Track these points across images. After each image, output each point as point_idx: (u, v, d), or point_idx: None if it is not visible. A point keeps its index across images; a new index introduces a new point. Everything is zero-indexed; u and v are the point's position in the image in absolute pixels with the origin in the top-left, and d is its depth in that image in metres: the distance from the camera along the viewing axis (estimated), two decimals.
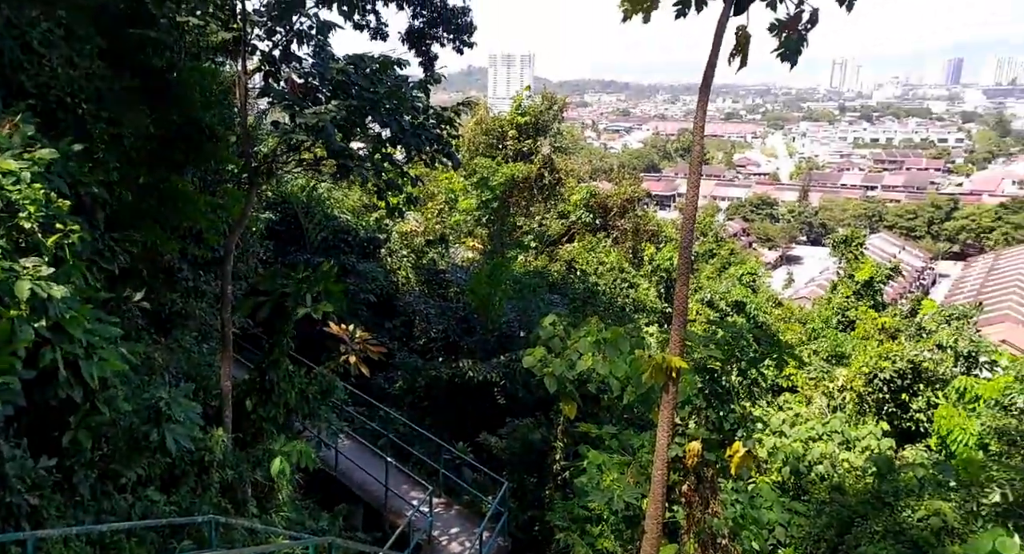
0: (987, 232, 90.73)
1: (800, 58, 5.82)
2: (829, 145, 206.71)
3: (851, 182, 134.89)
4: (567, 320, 10.93)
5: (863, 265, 29.71)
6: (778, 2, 5.09)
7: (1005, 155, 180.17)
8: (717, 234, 40.27)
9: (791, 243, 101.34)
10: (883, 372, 16.25)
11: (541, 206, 27.72)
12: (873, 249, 74.33)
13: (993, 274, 71.56)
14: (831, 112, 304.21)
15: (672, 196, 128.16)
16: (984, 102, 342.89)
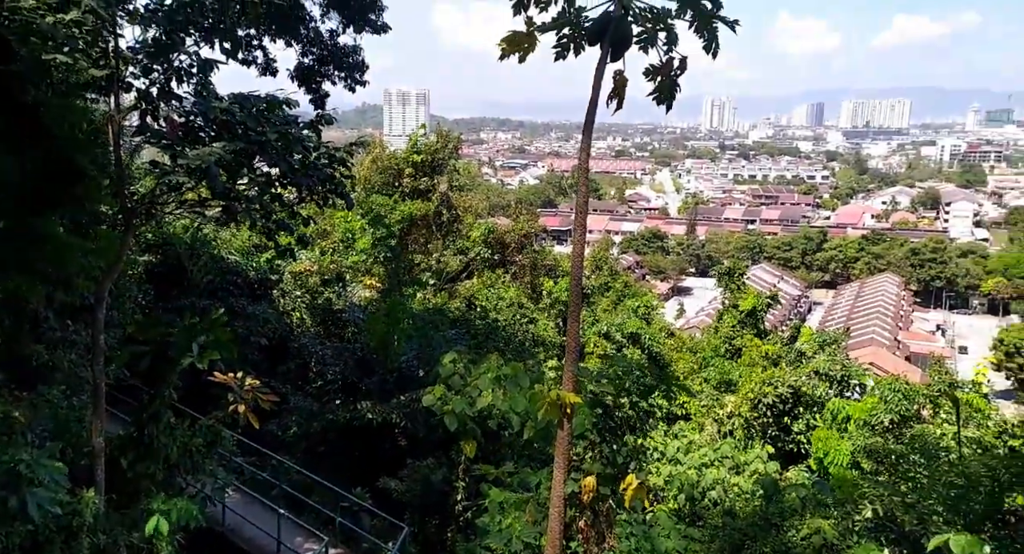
0: (853, 262, 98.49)
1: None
2: (712, 181, 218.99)
3: (733, 216, 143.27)
4: (467, 357, 10.89)
5: (746, 295, 31.46)
6: (650, 48, 5.36)
7: (864, 191, 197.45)
8: (612, 268, 41.60)
9: (681, 275, 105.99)
10: (767, 397, 17.16)
11: (439, 243, 27.71)
12: (755, 279, 78.93)
13: (859, 301, 77.58)
14: (713, 150, 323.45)
15: (568, 231, 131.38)
16: (844, 142, 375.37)
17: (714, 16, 5.22)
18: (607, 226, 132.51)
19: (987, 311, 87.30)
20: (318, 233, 24.77)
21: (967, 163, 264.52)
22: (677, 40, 5.51)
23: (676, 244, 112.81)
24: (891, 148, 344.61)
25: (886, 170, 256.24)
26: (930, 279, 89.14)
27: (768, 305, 32.71)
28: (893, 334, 64.55)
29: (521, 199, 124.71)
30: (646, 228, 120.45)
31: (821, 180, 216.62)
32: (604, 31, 5.40)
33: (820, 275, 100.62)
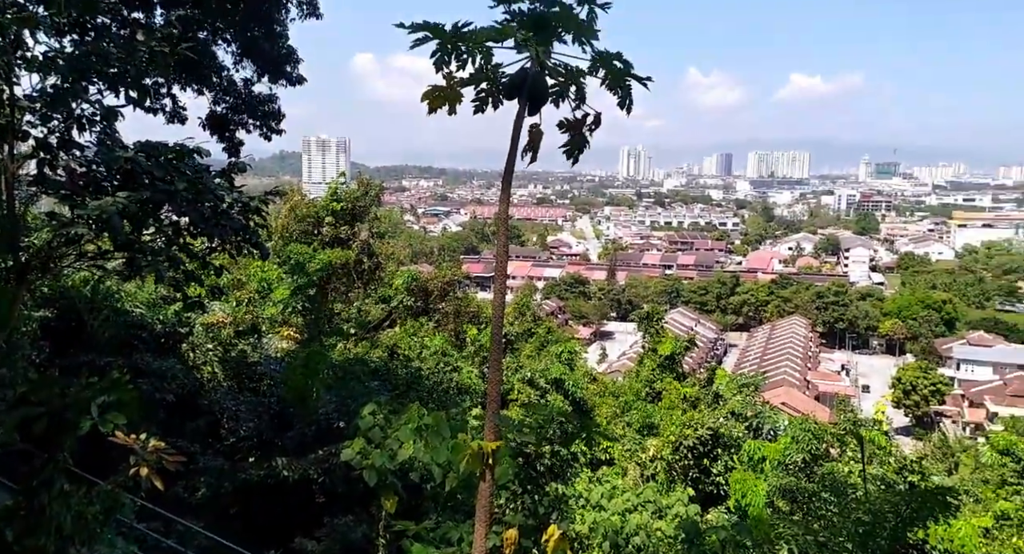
0: (764, 305, 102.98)
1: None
2: (630, 227, 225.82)
3: (651, 262, 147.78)
4: (388, 408, 10.65)
5: (665, 339, 32.25)
6: (562, 102, 5.55)
7: (771, 237, 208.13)
8: (535, 314, 41.92)
9: (603, 319, 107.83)
10: (687, 440, 17.48)
11: (361, 292, 27.28)
12: (673, 323, 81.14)
13: (771, 342, 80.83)
14: (630, 198, 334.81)
15: (492, 277, 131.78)
16: (751, 191, 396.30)
17: (626, 74, 5.45)
18: (530, 272, 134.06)
19: (885, 351, 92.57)
20: (233, 283, 23.95)
21: (862, 211, 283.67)
22: (585, 97, 5.71)
23: (597, 289, 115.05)
24: (794, 197, 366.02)
25: (790, 217, 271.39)
26: (834, 321, 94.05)
27: (686, 348, 33.61)
28: (803, 374, 67.40)
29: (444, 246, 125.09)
30: (568, 274, 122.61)
31: (732, 227, 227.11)
32: (520, 87, 5.54)
33: (734, 318, 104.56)
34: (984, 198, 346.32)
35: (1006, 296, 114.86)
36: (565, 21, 4.91)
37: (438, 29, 4.82)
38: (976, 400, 63.35)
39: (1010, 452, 17.46)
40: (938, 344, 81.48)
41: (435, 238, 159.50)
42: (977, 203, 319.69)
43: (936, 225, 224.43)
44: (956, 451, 33.90)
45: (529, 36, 4.89)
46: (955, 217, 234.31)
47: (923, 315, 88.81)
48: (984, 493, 15.75)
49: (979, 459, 22.02)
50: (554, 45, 5.55)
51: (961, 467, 26.00)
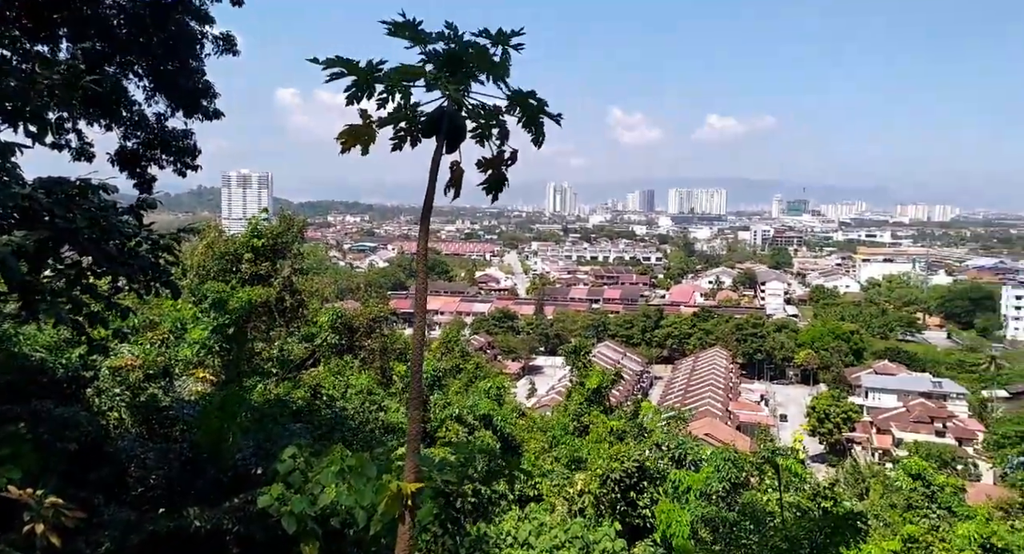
0: (687, 337, 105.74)
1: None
2: (557, 262, 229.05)
3: (578, 296, 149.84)
4: (310, 450, 10.29)
5: (592, 372, 32.60)
6: (485, 141, 5.64)
7: (693, 271, 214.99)
8: (463, 349, 41.65)
9: (532, 354, 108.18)
10: (614, 473, 17.57)
11: (283, 330, 26.45)
12: (600, 356, 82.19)
13: (694, 374, 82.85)
14: (557, 233, 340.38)
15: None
16: (673, 227, 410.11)
17: (540, 112, 5.59)
18: (458, 307, 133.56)
19: (800, 380, 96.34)
20: (147, 324, 22.80)
21: (776, 246, 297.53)
22: (508, 135, 5.82)
23: (526, 324, 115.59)
24: (713, 232, 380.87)
25: (710, 252, 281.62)
26: (753, 352, 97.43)
27: (613, 381, 34.03)
28: (725, 405, 69.23)
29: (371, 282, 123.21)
30: (497, 309, 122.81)
31: (655, 261, 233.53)
32: (438, 125, 5.60)
33: (659, 350, 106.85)
34: (884, 234, 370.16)
35: (906, 327, 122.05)
36: (479, 61, 5.02)
37: (353, 65, 4.84)
38: (883, 427, 66.53)
39: (921, 476, 18.36)
40: (848, 373, 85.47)
41: (362, 274, 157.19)
42: (878, 239, 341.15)
43: (843, 260, 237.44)
44: (867, 476, 35.37)
45: (443, 75, 4.97)
46: (859, 252, 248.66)
47: (834, 345, 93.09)
48: (892, 517, 16.45)
49: (887, 484, 23.02)
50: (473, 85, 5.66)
51: (871, 492, 27.09)
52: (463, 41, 5.07)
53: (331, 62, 4.82)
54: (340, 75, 4.86)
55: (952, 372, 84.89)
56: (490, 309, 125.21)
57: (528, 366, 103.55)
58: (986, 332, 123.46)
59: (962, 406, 72.53)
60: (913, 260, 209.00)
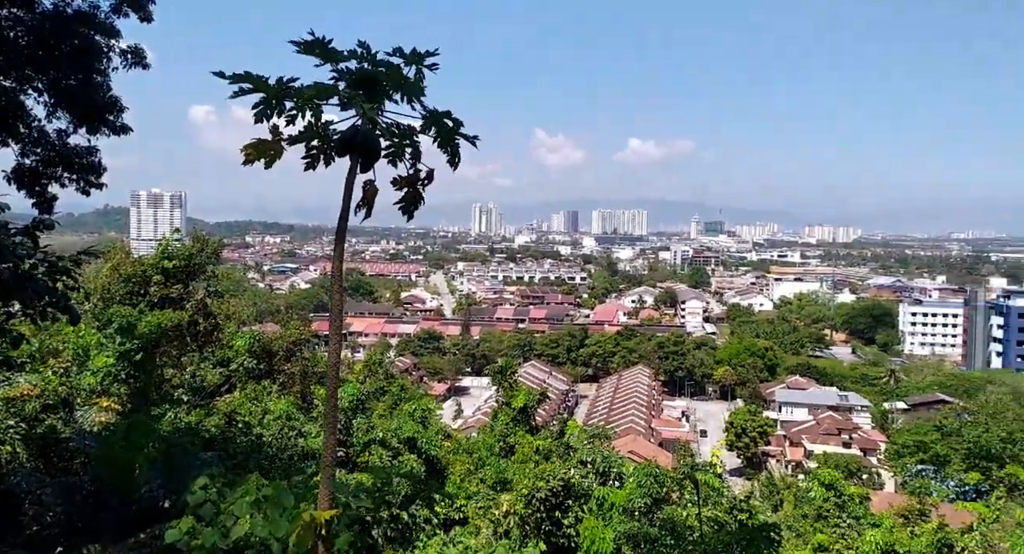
0: (611, 356, 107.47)
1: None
2: (484, 283, 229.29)
3: (505, 316, 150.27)
4: (223, 480, 9.83)
5: (518, 392, 32.60)
6: (399, 160, 5.62)
7: (616, 291, 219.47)
8: (388, 371, 40.92)
9: (458, 375, 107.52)
10: (540, 492, 17.57)
11: (196, 355, 25.31)
12: (527, 376, 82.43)
13: (618, 392, 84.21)
14: (483, 253, 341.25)
15: (344, 335, 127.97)
16: (596, 247, 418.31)
17: (455, 133, 5.62)
18: (383, 329, 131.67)
19: (719, 396, 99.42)
20: (49, 352, 21.38)
21: (694, 266, 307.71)
22: (420, 154, 5.82)
23: (452, 345, 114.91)
24: (635, 252, 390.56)
25: (633, 272, 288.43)
26: (674, 369, 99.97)
27: (539, 401, 34.13)
28: (648, 422, 70.58)
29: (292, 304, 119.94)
30: (422, 329, 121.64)
31: (580, 281, 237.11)
32: (351, 144, 5.55)
33: (584, 369, 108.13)
34: (794, 254, 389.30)
35: (816, 343, 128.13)
36: (392, 80, 5.01)
37: (261, 82, 4.74)
38: (795, 439, 69.31)
39: (833, 487, 19.17)
40: (763, 388, 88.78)
41: (282, 296, 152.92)
42: (789, 258, 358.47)
43: (757, 279, 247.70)
44: (781, 488, 36.64)
45: (356, 94, 4.93)
46: (772, 271, 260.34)
47: (750, 362, 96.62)
48: (804, 527, 17.09)
49: (799, 495, 23.89)
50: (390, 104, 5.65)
51: (785, 503, 28.07)
52: (376, 60, 5.05)
53: (238, 78, 4.70)
54: (247, 91, 4.75)
55: (857, 385, 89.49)
56: (416, 330, 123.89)
57: (454, 387, 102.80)
58: (886, 347, 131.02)
59: (866, 418, 76.43)
60: (821, 279, 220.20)
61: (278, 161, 5.59)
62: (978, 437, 48.75)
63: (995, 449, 47.61)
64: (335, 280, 6.34)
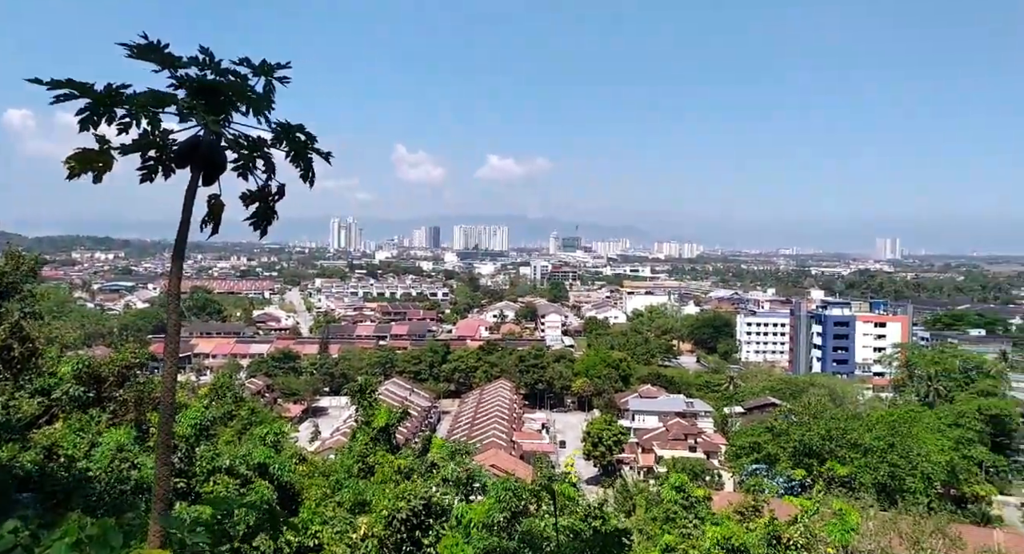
0: (473, 371, 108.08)
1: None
2: (343, 299, 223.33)
3: (365, 333, 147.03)
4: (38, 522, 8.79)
5: (379, 411, 31.88)
6: (249, 174, 5.36)
7: (478, 306, 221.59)
8: (237, 394, 38.64)
9: (316, 395, 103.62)
10: (400, 512, 17.23)
11: (10, 384, 22.60)
12: (388, 394, 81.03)
13: (481, 407, 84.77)
14: (342, 269, 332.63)
15: (190, 356, 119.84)
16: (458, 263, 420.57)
17: (308, 147, 5.46)
18: (234, 349, 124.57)
19: (577, 407, 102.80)
20: None
21: (553, 281, 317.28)
22: (274, 168, 5.60)
23: (309, 364, 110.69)
24: (496, 268, 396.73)
25: (494, 287, 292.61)
26: (535, 382, 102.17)
27: (400, 419, 33.53)
28: (509, 435, 71.55)
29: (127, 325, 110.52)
30: (276, 349, 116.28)
31: (442, 297, 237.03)
32: (191, 155, 5.23)
33: (447, 385, 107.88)
34: (645, 269, 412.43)
35: (665, 353, 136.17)
36: (237, 91, 4.78)
37: (86, 88, 4.36)
38: (647, 446, 73.03)
39: (682, 489, 20.29)
40: (618, 398, 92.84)
41: (116, 316, 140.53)
42: (640, 273, 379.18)
43: (612, 292, 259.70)
44: (634, 493, 38.35)
45: (197, 103, 4.66)
46: (625, 285, 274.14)
47: (605, 373, 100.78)
48: (654, 529, 17.98)
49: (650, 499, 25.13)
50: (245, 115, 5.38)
51: (638, 508, 29.44)
52: (220, 69, 4.81)
53: (58, 84, 4.30)
54: (69, 96, 4.35)
55: (701, 392, 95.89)
56: (270, 349, 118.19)
57: (311, 408, 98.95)
58: (726, 355, 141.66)
59: (709, 422, 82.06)
60: (669, 292, 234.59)
61: (108, 173, 5.16)
62: (802, 436, 53.62)
63: (816, 446, 52.59)
64: (171, 299, 5.92)
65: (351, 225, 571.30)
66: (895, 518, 31.65)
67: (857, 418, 59.38)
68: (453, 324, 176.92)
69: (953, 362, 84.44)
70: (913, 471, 50.54)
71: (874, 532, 28.93)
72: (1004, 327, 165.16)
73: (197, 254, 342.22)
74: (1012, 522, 56.92)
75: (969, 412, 65.97)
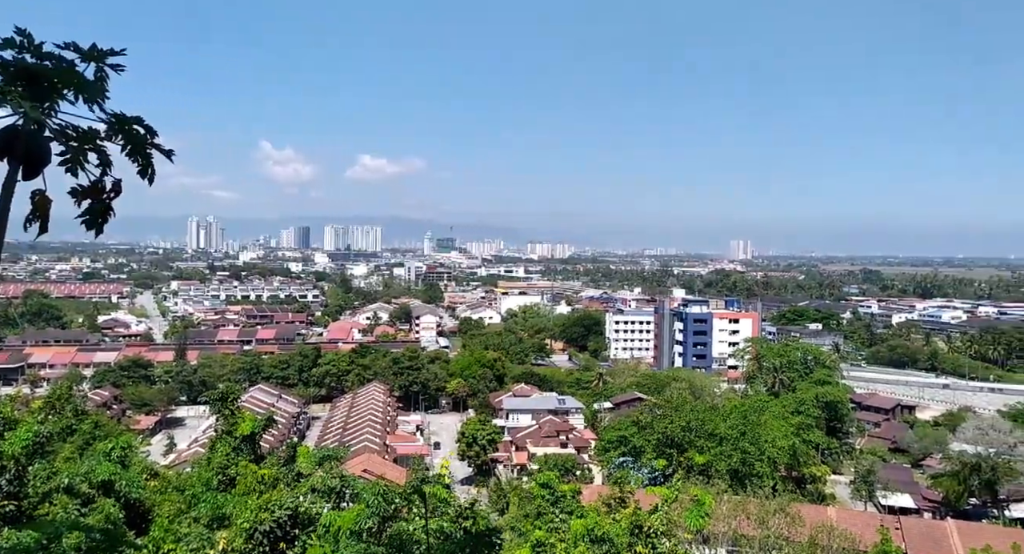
0: (345, 374, 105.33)
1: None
2: (203, 303, 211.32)
3: (228, 338, 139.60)
4: None
5: (242, 419, 30.32)
6: (80, 169, 4.92)
7: (351, 308, 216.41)
8: (78, 406, 35.49)
9: (171, 405, 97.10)
10: (263, 524, 16.46)
11: None
12: (253, 401, 77.32)
13: (353, 411, 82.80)
14: (202, 271, 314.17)
15: (21, 368, 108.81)
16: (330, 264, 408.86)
17: (147, 143, 5.08)
18: (75, 358, 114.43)
19: (452, 408, 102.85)
20: None
21: (428, 281, 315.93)
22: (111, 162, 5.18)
23: (164, 372, 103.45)
24: (370, 269, 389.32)
25: (367, 288, 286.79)
26: (409, 384, 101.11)
27: (265, 426, 32.11)
28: (383, 439, 70.35)
29: None
30: (125, 357, 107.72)
31: (312, 299, 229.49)
32: (11, 146, 4.75)
33: (317, 390, 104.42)
34: (519, 269, 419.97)
35: (538, 352, 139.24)
36: (65, 78, 4.37)
37: None
38: (520, 444, 74.33)
39: (549, 485, 20.75)
40: (492, 397, 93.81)
41: None
42: (514, 274, 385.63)
43: (487, 293, 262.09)
44: (507, 492, 38.89)
45: (11, 89, 4.22)
46: (500, 286, 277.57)
47: (480, 373, 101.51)
48: (525, 526, 18.30)
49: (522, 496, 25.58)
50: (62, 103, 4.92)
51: (511, 506, 29.89)
52: (42, 52, 4.37)
53: None
54: None
55: (572, 389, 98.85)
56: (118, 358, 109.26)
57: (166, 419, 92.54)
58: (596, 353, 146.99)
59: (580, 419, 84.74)
60: (542, 292, 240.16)
61: None
62: (665, 428, 56.66)
63: (678, 437, 55.75)
64: None
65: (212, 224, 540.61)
66: (744, 501, 34.18)
67: (714, 409, 63.55)
68: (324, 327, 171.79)
69: (796, 354, 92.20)
70: (761, 457, 54.76)
71: (726, 515, 31.10)
72: (837, 321, 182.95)
73: (31, 255, 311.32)
74: (843, 499, 63.08)
75: (808, 400, 72.39)
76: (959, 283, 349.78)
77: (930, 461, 70.91)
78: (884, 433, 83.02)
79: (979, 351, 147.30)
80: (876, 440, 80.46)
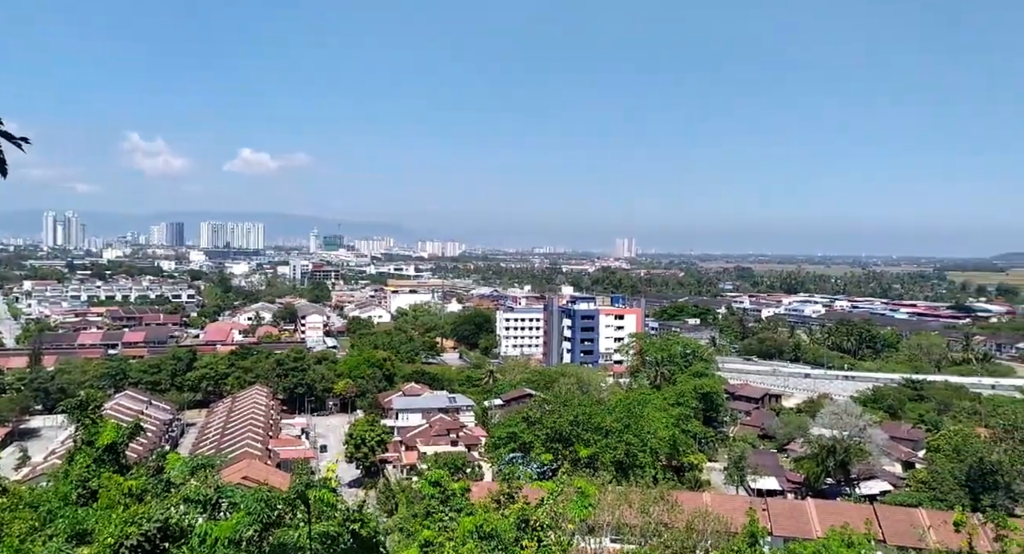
0: (224, 378, 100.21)
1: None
2: (61, 304, 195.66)
3: (90, 341, 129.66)
4: None
5: (105, 428, 28.14)
6: None
7: (230, 308, 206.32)
8: None
9: (24, 415, 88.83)
10: (129, 539, 15.32)
11: None
12: (119, 408, 72.03)
13: (232, 416, 78.91)
14: (60, 270, 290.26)
15: None
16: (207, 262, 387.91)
17: None
18: None
19: (340, 409, 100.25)
20: None
21: (315, 280, 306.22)
22: None
23: (16, 379, 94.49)
24: (251, 267, 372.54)
25: (249, 288, 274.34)
26: (294, 386, 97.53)
27: (131, 435, 29.94)
28: (265, 444, 67.48)
29: None
30: None
31: (187, 299, 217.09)
32: None
33: (192, 395, 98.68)
34: (409, 268, 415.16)
35: (429, 350, 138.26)
36: None
37: None
38: (410, 444, 73.51)
39: (439, 483, 20.53)
40: (382, 398, 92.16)
41: None
42: (404, 272, 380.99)
43: (376, 292, 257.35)
44: (396, 493, 38.31)
45: None
46: (390, 284, 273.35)
47: (369, 373, 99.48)
48: (414, 526, 18.03)
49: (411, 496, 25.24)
50: None
51: (400, 506, 29.43)
52: None
53: None
54: None
55: (463, 387, 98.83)
56: None
57: (18, 430, 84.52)
58: (487, 350, 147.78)
59: (471, 416, 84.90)
60: (433, 291, 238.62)
61: None
62: (553, 423, 57.80)
63: (566, 432, 57.02)
64: None
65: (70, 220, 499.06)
66: (627, 490, 35.42)
67: (600, 403, 65.47)
68: (201, 328, 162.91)
69: (676, 348, 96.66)
70: (644, 448, 57.02)
71: (610, 505, 32.10)
72: (713, 316, 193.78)
73: None
74: (717, 484, 66.84)
75: (687, 392, 76.11)
76: (819, 279, 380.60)
77: (793, 445, 76.32)
78: (754, 421, 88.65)
79: (835, 342, 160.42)
80: (747, 427, 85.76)
